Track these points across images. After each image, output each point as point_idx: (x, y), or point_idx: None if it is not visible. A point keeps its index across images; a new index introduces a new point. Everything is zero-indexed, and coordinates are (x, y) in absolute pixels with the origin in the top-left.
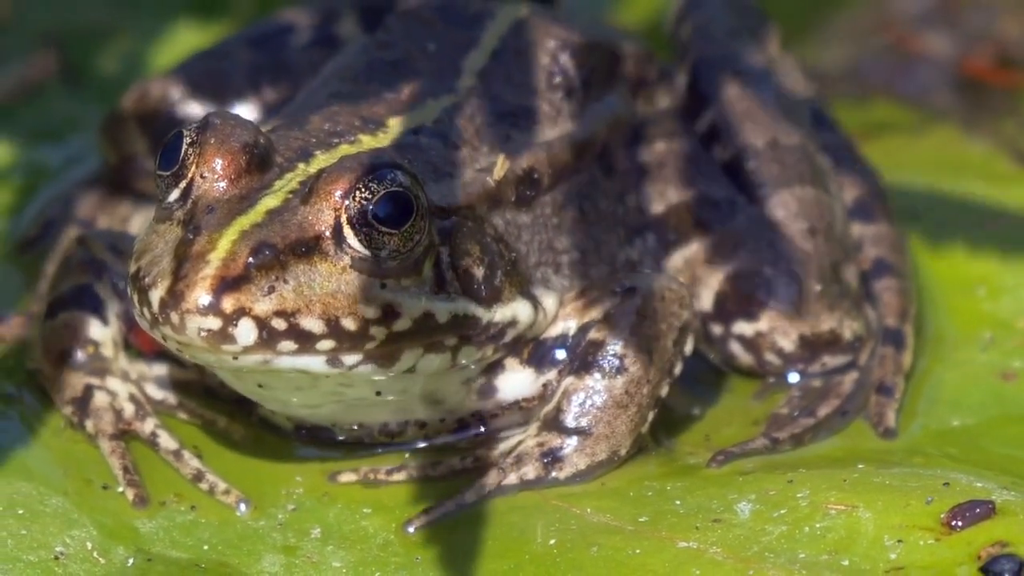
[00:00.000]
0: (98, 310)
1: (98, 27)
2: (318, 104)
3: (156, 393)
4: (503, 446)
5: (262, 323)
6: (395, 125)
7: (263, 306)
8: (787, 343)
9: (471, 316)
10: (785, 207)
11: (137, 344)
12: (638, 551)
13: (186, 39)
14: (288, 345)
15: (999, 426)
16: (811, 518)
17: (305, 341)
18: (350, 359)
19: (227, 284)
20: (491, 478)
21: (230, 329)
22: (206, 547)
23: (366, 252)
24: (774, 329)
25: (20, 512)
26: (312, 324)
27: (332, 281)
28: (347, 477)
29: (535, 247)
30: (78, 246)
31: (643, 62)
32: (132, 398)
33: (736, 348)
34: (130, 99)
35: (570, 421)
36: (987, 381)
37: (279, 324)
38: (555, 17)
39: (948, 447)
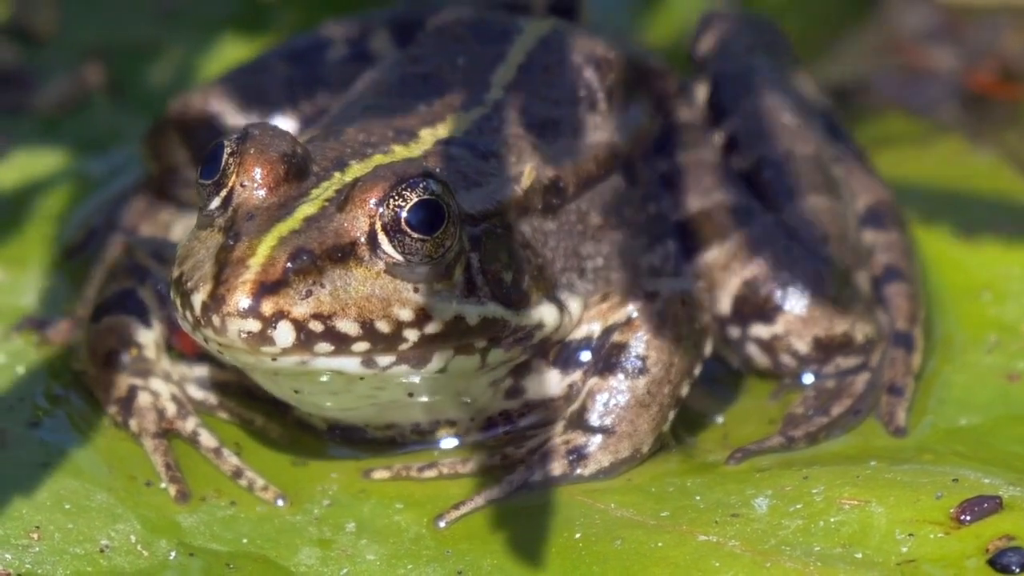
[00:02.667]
0: (142, 314)
1: (142, 42)
2: (353, 116)
3: (197, 393)
4: (530, 444)
5: (300, 325)
6: (427, 136)
7: (301, 309)
8: (802, 345)
9: (500, 319)
10: (800, 215)
11: (179, 346)
12: (660, 544)
13: (227, 54)
14: (325, 347)
15: (1005, 425)
16: (826, 513)
17: (341, 343)
18: (384, 360)
19: (266, 288)
20: (518, 475)
21: (269, 331)
22: (245, 540)
23: (399, 257)
24: (790, 332)
25: (67, 507)
26: (348, 326)
27: (367, 285)
28: (380, 474)
29: (561, 253)
30: (122, 253)
31: (664, 76)
32: (174, 398)
33: (753, 350)
34: (172, 111)
35: (594, 420)
36: (993, 382)
37: (316, 326)
38: (580, 33)
39: (956, 445)
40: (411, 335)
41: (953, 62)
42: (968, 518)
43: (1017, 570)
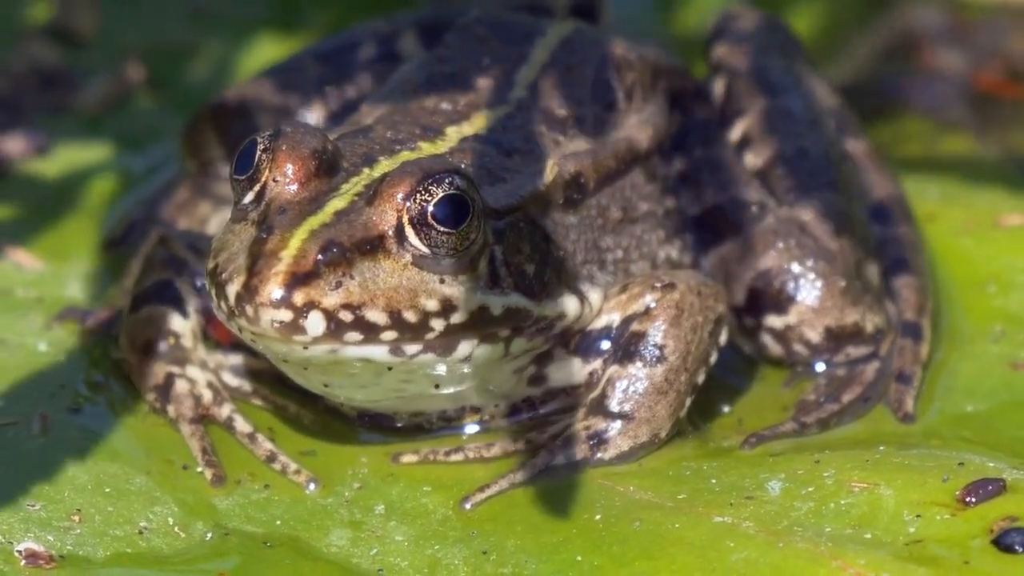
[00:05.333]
0: (178, 304)
1: (181, 43)
2: (381, 114)
3: (232, 381)
4: (552, 429)
5: (330, 315)
6: (452, 133)
7: (331, 299)
8: (814, 335)
9: (523, 309)
10: (812, 210)
11: (215, 335)
12: (677, 525)
13: (262, 54)
14: (354, 336)
15: (1009, 411)
16: (836, 495)
17: (370, 332)
18: (411, 348)
19: (298, 279)
20: (541, 459)
21: (300, 321)
22: (279, 522)
23: (426, 250)
24: (802, 322)
25: (107, 490)
26: (376, 316)
27: (395, 277)
28: (409, 458)
29: (581, 246)
30: (160, 245)
31: (681, 75)
32: (210, 385)
33: (767, 339)
34: (209, 109)
35: (614, 406)
36: (998, 370)
37: (346, 316)
38: (600, 34)
39: (962, 430)
40: (437, 324)
41: (961, 63)
42: (973, 500)
43: (1020, 549)
